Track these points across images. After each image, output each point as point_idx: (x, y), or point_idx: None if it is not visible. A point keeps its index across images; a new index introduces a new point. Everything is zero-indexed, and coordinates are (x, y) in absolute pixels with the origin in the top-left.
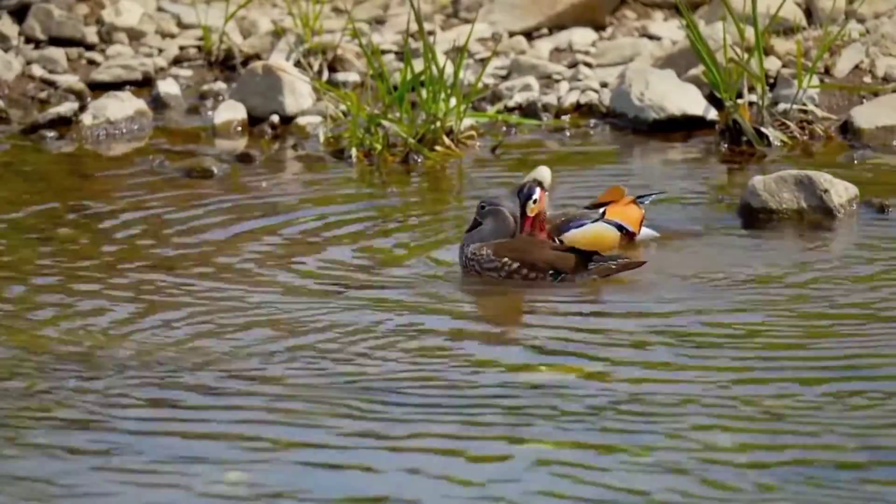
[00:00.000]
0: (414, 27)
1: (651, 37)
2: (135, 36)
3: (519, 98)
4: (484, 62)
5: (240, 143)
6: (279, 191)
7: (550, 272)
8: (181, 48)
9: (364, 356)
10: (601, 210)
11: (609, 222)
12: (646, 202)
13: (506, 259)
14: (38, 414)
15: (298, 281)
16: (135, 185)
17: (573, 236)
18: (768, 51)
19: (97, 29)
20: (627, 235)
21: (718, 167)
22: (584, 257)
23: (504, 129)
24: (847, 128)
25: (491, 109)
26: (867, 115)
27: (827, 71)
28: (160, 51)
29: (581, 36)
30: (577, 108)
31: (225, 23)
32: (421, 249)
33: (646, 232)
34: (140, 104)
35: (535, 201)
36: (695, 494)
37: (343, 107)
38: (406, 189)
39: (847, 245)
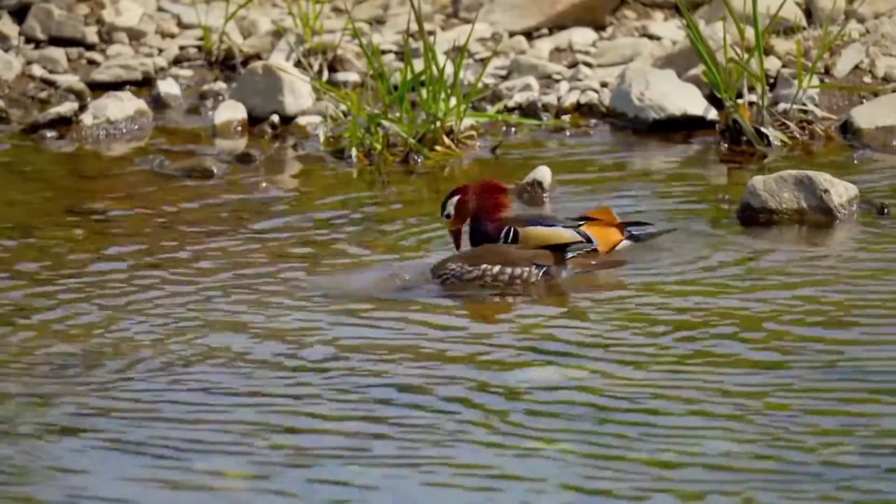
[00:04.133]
0: (414, 27)
1: (651, 37)
2: (135, 36)
3: (519, 98)
4: (484, 62)
5: (240, 143)
6: (279, 191)
7: (534, 265)
8: (181, 48)
9: (361, 356)
10: (580, 222)
11: (579, 233)
12: (638, 234)
13: (485, 266)
14: (38, 413)
15: (298, 281)
16: (135, 185)
17: (535, 231)
18: (768, 51)
19: (97, 29)
20: (594, 252)
21: (718, 167)
22: (560, 251)
23: (504, 129)
24: (847, 128)
25: (491, 109)
26: (867, 115)
27: (827, 71)
28: (160, 51)
29: (581, 36)
30: (577, 108)
31: (225, 23)
32: (420, 249)
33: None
34: (140, 104)
35: (447, 216)
36: (695, 496)
37: (343, 107)
38: (406, 189)
39: (847, 245)
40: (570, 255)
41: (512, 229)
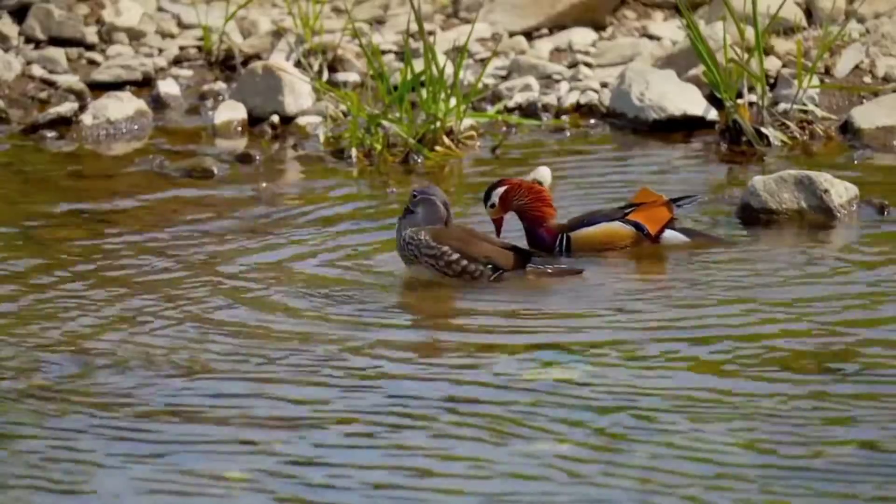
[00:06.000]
0: (414, 27)
1: (651, 37)
2: (135, 36)
3: (519, 98)
4: (484, 62)
5: (240, 143)
6: (279, 191)
7: (489, 265)
8: (181, 48)
9: (358, 357)
10: (626, 210)
11: (628, 222)
12: (682, 205)
13: (446, 248)
14: (37, 413)
15: (298, 281)
16: (135, 185)
17: (582, 233)
18: (768, 51)
19: (97, 29)
20: (647, 237)
21: (718, 167)
22: (523, 257)
23: (504, 129)
24: (847, 128)
25: (491, 109)
26: (867, 115)
27: (827, 71)
28: (160, 51)
29: (581, 36)
30: (577, 108)
31: (225, 23)
32: None
33: (673, 236)
34: (140, 104)
35: (492, 206)
36: (693, 496)
37: (343, 107)
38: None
39: (847, 245)
40: (530, 266)
41: (565, 236)
